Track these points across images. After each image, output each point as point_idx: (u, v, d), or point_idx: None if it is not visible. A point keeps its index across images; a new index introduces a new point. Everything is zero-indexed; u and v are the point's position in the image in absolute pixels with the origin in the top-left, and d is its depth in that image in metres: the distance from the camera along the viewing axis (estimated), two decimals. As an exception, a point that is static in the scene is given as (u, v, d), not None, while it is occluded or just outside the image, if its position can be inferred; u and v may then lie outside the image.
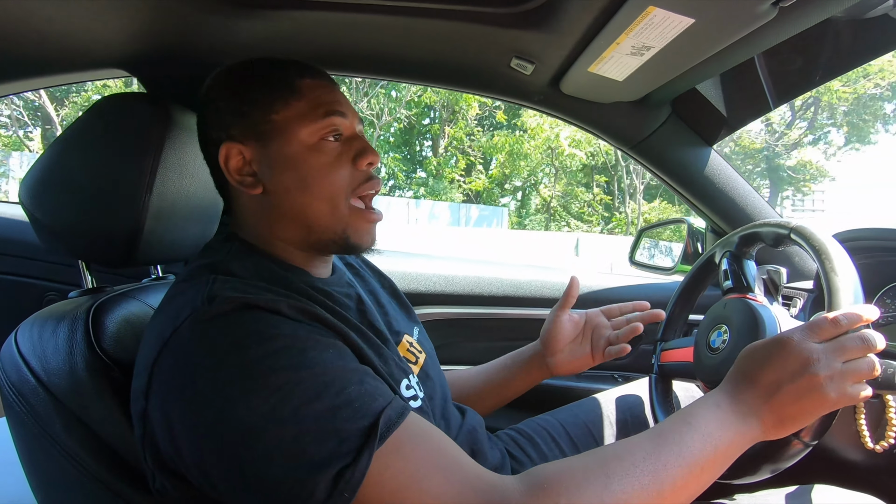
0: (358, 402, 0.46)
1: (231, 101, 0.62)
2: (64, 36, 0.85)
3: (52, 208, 0.67)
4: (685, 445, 0.50)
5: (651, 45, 0.76)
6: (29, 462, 0.59)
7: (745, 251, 0.87)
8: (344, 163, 0.62)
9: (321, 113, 0.61)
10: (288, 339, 0.48)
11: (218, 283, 0.53)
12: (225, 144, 0.61)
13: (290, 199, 0.61)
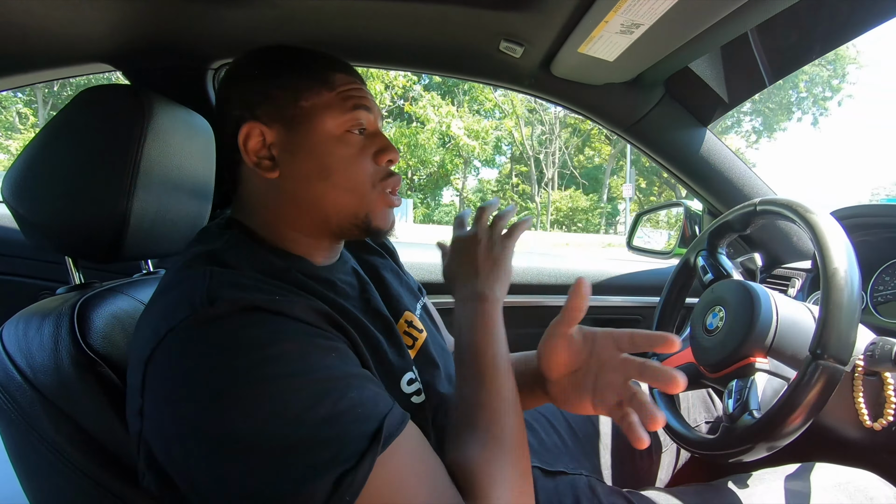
0: (361, 406, 0.46)
1: (261, 82, 0.61)
2: (45, 30, 0.83)
3: (36, 204, 0.66)
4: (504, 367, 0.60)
5: (640, 23, 0.74)
6: (18, 460, 0.59)
7: (716, 244, 0.89)
8: (366, 157, 0.63)
9: (349, 106, 0.62)
10: (288, 344, 0.47)
11: (215, 278, 0.51)
12: (248, 124, 0.60)
13: (309, 187, 0.61)
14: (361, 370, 0.51)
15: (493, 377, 0.57)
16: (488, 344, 0.60)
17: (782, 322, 0.73)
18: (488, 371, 0.58)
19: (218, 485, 0.44)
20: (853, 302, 0.63)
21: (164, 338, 0.47)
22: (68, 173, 0.65)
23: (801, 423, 0.62)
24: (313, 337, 0.49)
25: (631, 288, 1.39)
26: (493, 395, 0.56)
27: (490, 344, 0.60)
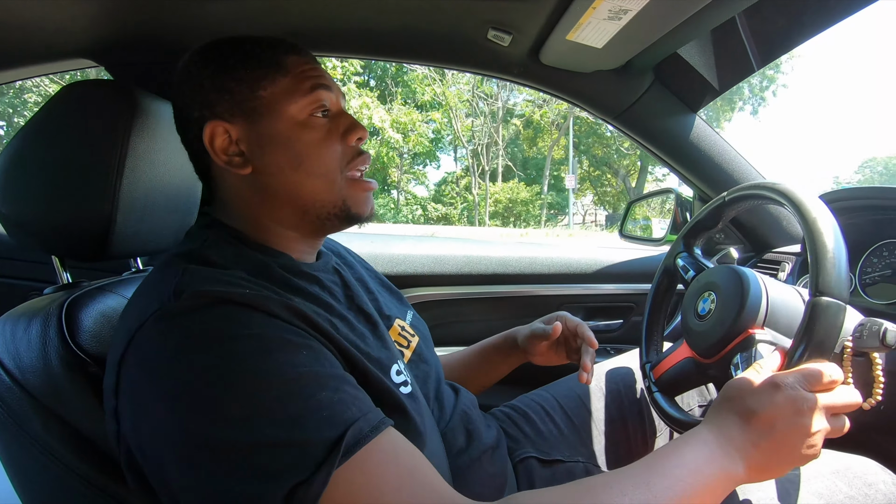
0: (328, 410, 0.43)
1: (215, 78, 0.59)
2: (23, 24, 0.82)
3: (20, 203, 0.65)
4: (675, 479, 0.47)
5: (628, 8, 0.74)
6: (10, 462, 0.58)
7: (691, 244, 0.90)
8: (334, 139, 0.61)
9: (308, 87, 0.60)
10: (255, 340, 0.45)
11: (188, 274, 0.50)
12: (210, 123, 0.58)
13: (283, 178, 0.60)
14: (336, 371, 0.48)
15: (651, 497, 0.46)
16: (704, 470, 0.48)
17: (772, 300, 0.74)
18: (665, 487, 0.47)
19: (181, 486, 0.43)
20: (839, 243, 0.64)
21: (134, 336, 0.47)
22: (52, 171, 0.64)
23: None
24: (283, 333, 0.47)
25: (623, 276, 1.40)
26: None
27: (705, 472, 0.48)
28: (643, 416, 0.97)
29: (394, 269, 1.30)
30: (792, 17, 0.89)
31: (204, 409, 0.42)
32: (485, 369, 0.95)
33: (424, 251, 1.34)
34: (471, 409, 0.77)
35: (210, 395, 0.42)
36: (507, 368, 0.95)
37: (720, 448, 0.50)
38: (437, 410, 0.70)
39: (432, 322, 1.03)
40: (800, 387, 0.52)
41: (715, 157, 1.16)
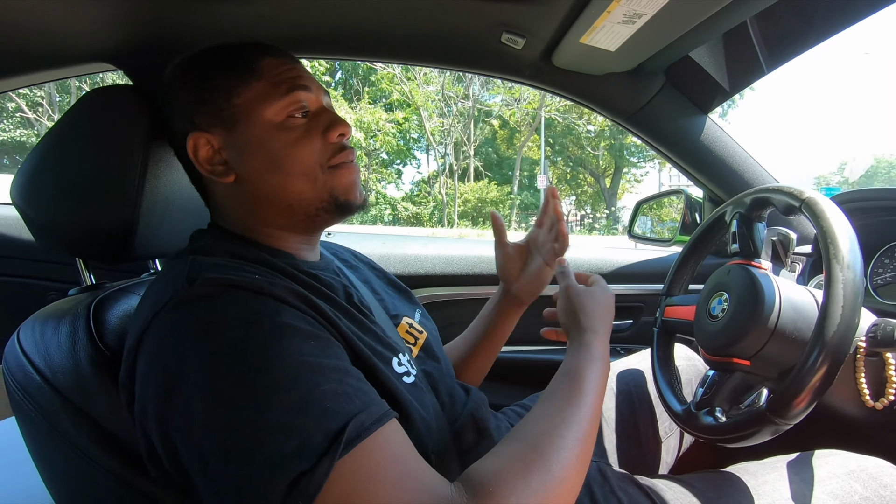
0: (331, 401, 0.43)
1: (191, 90, 0.60)
2: (44, 29, 0.83)
3: (45, 206, 0.67)
4: (587, 396, 0.58)
5: (643, 12, 0.74)
6: (41, 459, 0.60)
7: (756, 214, 0.85)
8: (314, 137, 0.61)
9: (284, 90, 0.60)
10: (266, 326, 0.46)
11: (197, 263, 0.52)
12: (192, 135, 0.60)
13: (266, 182, 0.60)
14: (341, 364, 0.49)
15: (576, 402, 0.57)
16: (583, 368, 0.61)
17: (786, 303, 0.74)
18: (574, 394, 0.58)
19: (193, 471, 0.44)
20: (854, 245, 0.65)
21: (150, 324, 0.48)
22: (76, 175, 0.65)
23: (806, 405, 0.64)
24: (293, 320, 0.48)
25: (633, 276, 1.40)
26: (566, 420, 0.54)
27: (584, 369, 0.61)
28: (654, 417, 0.97)
29: (405, 269, 1.31)
30: (803, 20, 0.89)
31: (211, 392, 0.43)
32: (489, 333, 0.94)
33: (435, 251, 1.35)
34: (481, 409, 0.77)
35: (217, 378, 0.43)
36: (505, 325, 0.94)
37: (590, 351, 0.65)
38: (448, 405, 0.71)
39: (443, 322, 1.04)
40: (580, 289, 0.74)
41: (726, 160, 1.16)
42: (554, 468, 0.48)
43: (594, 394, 0.59)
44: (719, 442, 0.74)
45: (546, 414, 0.55)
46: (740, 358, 0.74)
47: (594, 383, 0.60)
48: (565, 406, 0.56)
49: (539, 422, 0.54)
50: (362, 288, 0.73)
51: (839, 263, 0.63)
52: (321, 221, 0.65)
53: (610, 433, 0.95)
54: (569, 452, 0.51)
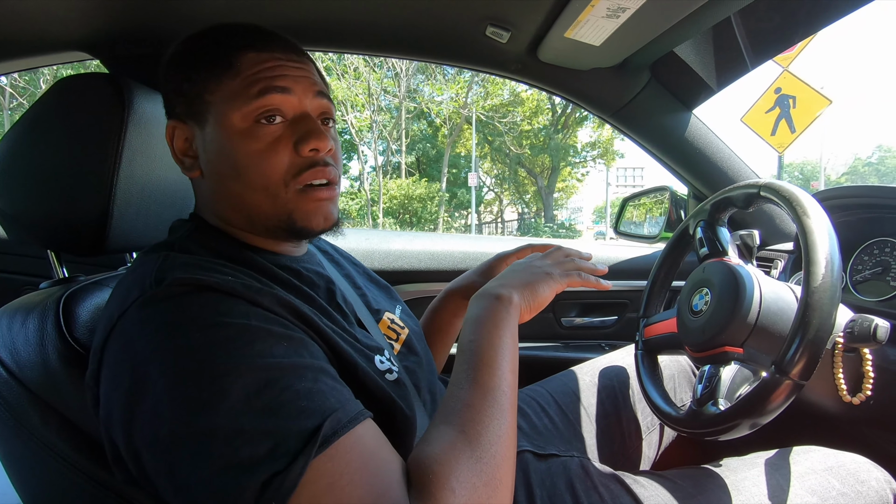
0: (306, 399, 0.42)
1: (174, 79, 0.58)
2: (16, 16, 0.81)
3: (15, 197, 0.65)
4: (503, 369, 0.53)
5: (626, 6, 0.74)
6: (8, 457, 0.58)
7: (717, 218, 0.89)
8: (282, 148, 0.55)
9: (255, 92, 0.54)
10: (235, 328, 0.44)
11: (169, 261, 0.50)
12: (170, 123, 0.59)
13: (226, 186, 0.57)
14: (316, 362, 0.47)
15: (486, 375, 0.52)
16: (490, 341, 0.55)
17: (766, 297, 0.75)
18: (482, 368, 0.52)
19: (157, 474, 0.42)
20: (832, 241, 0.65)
21: (116, 323, 0.46)
22: (48, 165, 0.63)
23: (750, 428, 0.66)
24: (264, 322, 0.46)
25: (618, 272, 1.41)
26: (482, 394, 0.50)
27: (492, 341, 0.55)
28: (637, 412, 0.98)
29: (390, 264, 1.30)
30: (787, 15, 0.90)
31: (179, 397, 0.41)
32: (442, 329, 0.92)
33: (421, 247, 1.34)
34: None
35: (185, 382, 0.42)
36: (459, 320, 0.92)
37: (502, 312, 0.59)
38: (429, 402, 0.70)
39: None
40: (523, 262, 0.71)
41: (710, 156, 1.17)
42: (482, 453, 0.46)
43: (507, 365, 0.54)
44: (696, 436, 0.74)
45: (478, 392, 0.51)
46: (732, 345, 0.74)
47: (506, 355, 0.54)
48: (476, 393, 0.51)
49: (468, 401, 0.50)
50: (344, 283, 0.72)
51: (817, 258, 0.64)
52: (281, 237, 0.62)
53: (592, 428, 0.95)
54: (495, 431, 0.48)
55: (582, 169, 26.13)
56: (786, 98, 3.45)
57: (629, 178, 57.56)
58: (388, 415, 0.54)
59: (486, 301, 0.60)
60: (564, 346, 1.38)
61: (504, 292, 0.60)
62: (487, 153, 24.85)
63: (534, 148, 23.41)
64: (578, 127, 23.24)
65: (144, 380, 0.43)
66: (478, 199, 25.43)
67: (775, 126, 3.51)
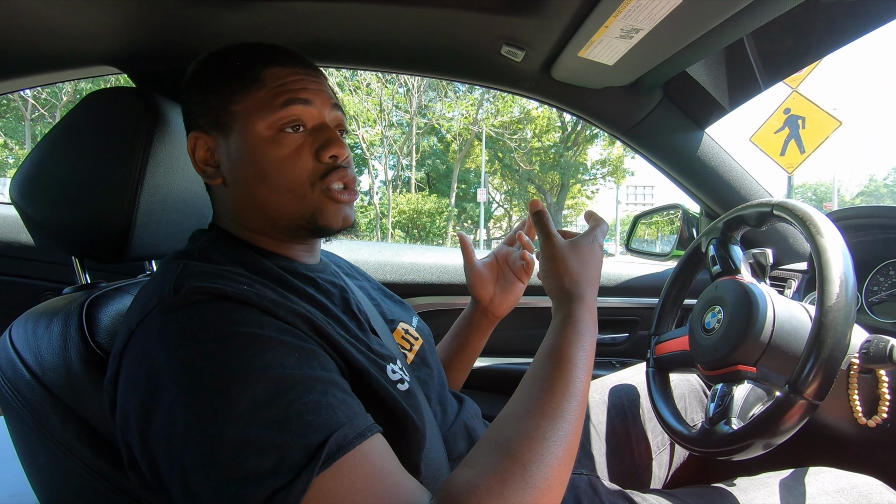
0: (313, 414, 0.42)
1: (199, 91, 0.62)
2: (49, 32, 0.84)
3: (44, 205, 0.67)
4: (575, 385, 0.52)
5: (640, 28, 0.75)
6: (27, 458, 0.59)
7: (730, 236, 0.89)
8: (305, 155, 0.60)
9: (280, 103, 0.59)
10: (248, 337, 0.45)
11: (188, 269, 0.51)
12: (192, 134, 0.61)
13: (249, 192, 0.60)
14: (327, 374, 0.47)
15: (562, 393, 0.50)
16: (570, 348, 0.55)
17: (780, 317, 0.74)
18: (559, 383, 0.51)
19: (170, 479, 0.43)
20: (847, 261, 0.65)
21: (135, 330, 0.48)
22: (75, 175, 0.66)
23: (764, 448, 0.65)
24: (277, 332, 0.47)
25: (629, 289, 1.41)
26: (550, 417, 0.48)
27: (571, 350, 0.54)
28: (647, 431, 0.97)
29: (402, 277, 1.31)
30: (798, 38, 0.90)
31: (191, 404, 0.42)
32: (463, 347, 0.93)
33: (433, 260, 1.35)
34: (474, 420, 0.77)
35: (197, 390, 0.42)
36: (479, 340, 0.93)
37: (576, 327, 0.57)
38: (439, 413, 0.70)
39: (441, 330, 1.04)
40: (564, 247, 0.65)
41: (723, 175, 1.17)
42: (535, 479, 0.44)
43: (582, 381, 0.53)
44: (708, 456, 0.73)
45: (527, 408, 0.50)
46: (745, 364, 0.74)
47: (582, 366, 0.54)
48: (549, 397, 0.50)
49: (519, 419, 0.49)
50: (359, 293, 0.73)
51: (831, 276, 0.64)
52: (301, 236, 0.64)
53: (602, 446, 0.94)
54: (552, 458, 0.46)
55: (592, 186, 26.14)
56: (795, 119, 3.45)
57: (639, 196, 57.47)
58: (399, 426, 0.54)
59: (565, 307, 0.60)
60: None
61: (574, 290, 0.61)
62: (497, 169, 24.95)
63: (543, 165, 23.48)
64: (589, 144, 23.29)
65: (160, 386, 0.44)
66: (488, 214, 25.41)
67: (784, 146, 3.50)
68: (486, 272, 0.88)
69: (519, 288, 0.89)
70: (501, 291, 0.89)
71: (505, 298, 0.89)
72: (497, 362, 1.36)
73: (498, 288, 0.89)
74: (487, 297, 0.88)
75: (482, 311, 0.91)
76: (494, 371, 1.34)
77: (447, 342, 0.95)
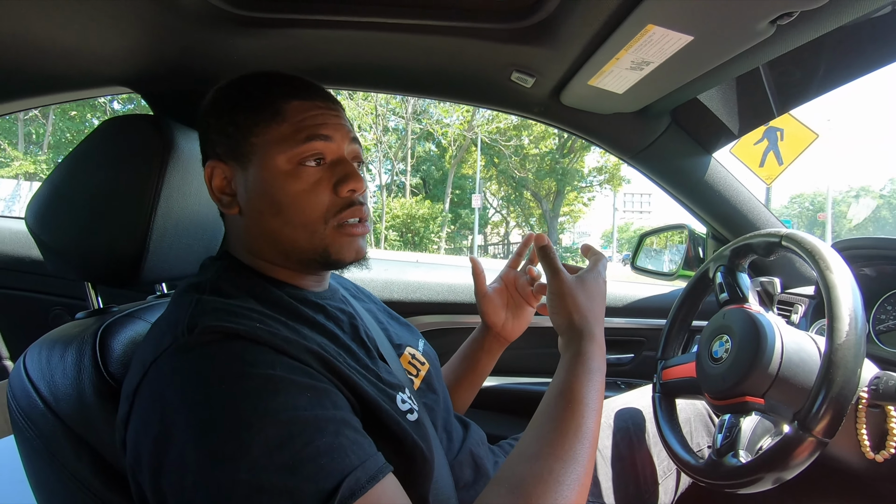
0: (325, 457, 0.43)
1: (219, 120, 0.62)
2: (66, 54, 0.85)
3: (58, 232, 0.68)
4: (586, 424, 0.53)
5: (651, 61, 0.76)
6: (39, 486, 0.60)
7: (738, 263, 0.89)
8: (323, 189, 0.60)
9: (302, 137, 0.59)
10: (260, 379, 0.45)
11: (201, 305, 0.52)
12: (209, 163, 0.62)
13: (264, 222, 0.61)
14: (338, 413, 0.48)
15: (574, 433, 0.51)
16: (581, 387, 0.55)
17: (788, 349, 0.74)
18: (571, 423, 0.52)
19: None
20: (856, 296, 0.65)
21: (149, 369, 0.48)
22: (90, 202, 0.66)
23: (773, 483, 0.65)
24: (289, 372, 0.47)
25: (636, 310, 1.40)
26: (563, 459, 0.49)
27: (582, 388, 0.55)
28: (653, 456, 0.97)
29: (408, 296, 1.31)
30: (818, 65, 0.89)
31: (204, 448, 0.42)
32: (472, 369, 0.93)
33: (439, 279, 1.35)
34: (479, 447, 0.77)
35: (210, 434, 0.43)
36: (489, 362, 0.93)
37: (585, 365, 0.59)
38: (445, 441, 0.70)
39: (446, 349, 1.05)
40: (572, 283, 0.66)
41: (730, 199, 1.18)
42: None
43: (594, 421, 0.53)
44: (714, 487, 0.73)
45: (539, 449, 0.50)
46: (753, 395, 0.74)
47: (593, 406, 0.54)
48: (561, 439, 0.51)
49: (531, 460, 0.50)
50: (367, 317, 0.73)
51: (840, 314, 0.64)
52: (312, 269, 0.65)
53: (607, 471, 0.94)
54: (564, 501, 0.46)
55: (588, 193, 26.12)
56: (773, 130, 3.45)
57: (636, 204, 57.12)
58: (409, 457, 0.54)
59: (574, 345, 0.61)
60: None
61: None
62: (493, 175, 24.93)
63: (539, 172, 23.47)
64: (585, 152, 23.37)
65: (173, 429, 0.44)
66: (484, 220, 25.33)
67: (763, 158, 3.51)
68: (496, 298, 0.88)
69: (529, 311, 0.89)
70: (513, 316, 0.89)
71: (517, 323, 0.89)
72: (504, 382, 1.36)
73: (509, 313, 0.89)
74: (500, 322, 0.88)
75: (494, 336, 0.91)
76: (501, 391, 1.34)
77: (456, 364, 0.95)
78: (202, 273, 0.63)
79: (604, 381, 0.59)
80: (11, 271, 1.16)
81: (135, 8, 0.73)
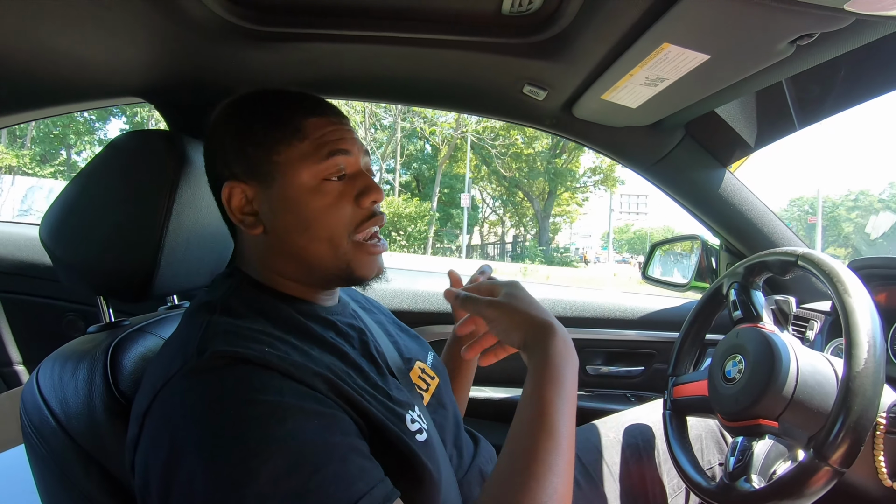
0: (333, 485, 0.43)
1: (235, 140, 0.61)
2: (81, 66, 0.86)
3: (71, 247, 0.68)
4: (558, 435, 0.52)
5: (666, 77, 0.75)
6: (48, 500, 0.60)
7: (752, 281, 0.88)
8: (346, 202, 0.62)
9: (325, 154, 0.60)
10: (268, 406, 0.45)
11: (211, 328, 0.52)
12: (228, 183, 0.61)
13: (291, 240, 0.61)
14: (347, 440, 0.48)
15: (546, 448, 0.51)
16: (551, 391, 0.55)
17: (803, 372, 0.73)
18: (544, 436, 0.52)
19: None
20: (875, 321, 0.64)
21: (159, 392, 0.48)
22: (104, 217, 0.67)
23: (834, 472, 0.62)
24: (298, 398, 0.47)
25: (646, 322, 1.39)
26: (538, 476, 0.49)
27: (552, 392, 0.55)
28: (662, 473, 0.96)
29: (417, 305, 1.31)
30: (825, 87, 0.88)
31: (212, 474, 0.42)
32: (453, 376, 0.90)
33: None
34: (488, 464, 0.77)
35: (218, 460, 0.43)
36: (469, 368, 0.90)
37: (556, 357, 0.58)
38: (455, 458, 0.70)
39: (454, 361, 1.04)
40: (504, 298, 0.64)
41: (745, 213, 1.16)
42: None
43: (567, 426, 0.53)
44: None
45: (515, 467, 0.51)
46: (767, 418, 0.72)
47: (565, 411, 0.54)
48: (536, 457, 0.51)
49: (508, 481, 0.50)
50: (377, 330, 0.73)
51: (859, 340, 0.63)
52: (334, 285, 0.66)
53: (615, 487, 0.93)
54: None
55: (582, 194, 25.88)
56: None
57: (632, 205, 56.31)
58: (417, 479, 0.54)
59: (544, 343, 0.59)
60: (589, 395, 1.36)
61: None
62: (485, 175, 24.81)
63: (531, 172, 23.29)
64: (581, 152, 23.15)
65: (182, 454, 0.44)
66: (474, 219, 25.14)
67: None
68: None
69: None
70: None
71: None
72: (514, 394, 1.35)
73: None
74: None
75: None
76: (507, 402, 1.33)
77: None
78: (213, 290, 0.63)
79: (576, 376, 0.58)
80: (27, 277, 1.17)
81: (150, 22, 0.74)
